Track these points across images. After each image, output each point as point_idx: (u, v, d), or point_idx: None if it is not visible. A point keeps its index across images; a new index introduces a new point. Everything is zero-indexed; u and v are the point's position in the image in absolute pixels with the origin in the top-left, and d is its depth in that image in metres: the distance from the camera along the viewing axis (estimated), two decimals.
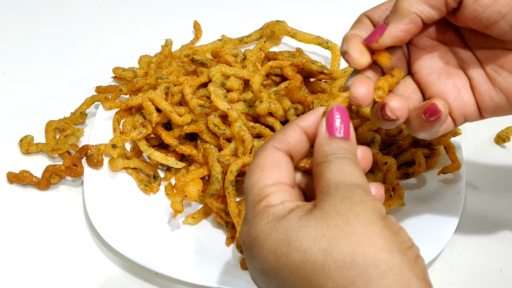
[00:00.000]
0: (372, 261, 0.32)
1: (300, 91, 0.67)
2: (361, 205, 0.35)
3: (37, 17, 0.92)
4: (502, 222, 0.64)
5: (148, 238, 0.61)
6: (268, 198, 0.37)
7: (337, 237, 0.33)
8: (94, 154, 0.65)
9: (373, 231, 0.33)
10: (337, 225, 0.34)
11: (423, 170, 0.64)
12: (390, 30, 0.43)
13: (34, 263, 0.61)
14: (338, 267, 0.32)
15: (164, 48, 0.78)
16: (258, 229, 0.36)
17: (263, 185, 0.38)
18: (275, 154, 0.39)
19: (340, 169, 0.37)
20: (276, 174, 0.38)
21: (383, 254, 0.33)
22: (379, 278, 0.32)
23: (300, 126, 0.40)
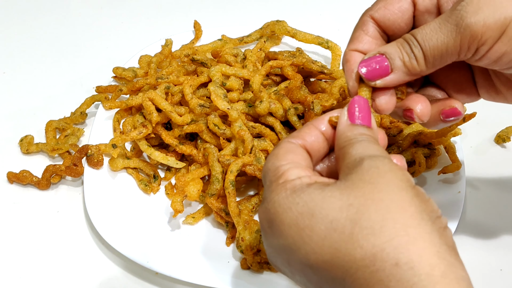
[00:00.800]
0: (402, 228, 0.32)
1: (300, 91, 0.67)
2: (390, 173, 0.34)
3: (37, 17, 0.92)
4: (502, 222, 0.64)
5: (148, 238, 0.61)
6: (284, 174, 0.37)
7: (365, 205, 0.33)
8: (94, 154, 0.65)
9: (403, 198, 0.33)
10: (364, 194, 0.33)
11: (423, 170, 0.64)
12: (391, 78, 0.42)
13: (34, 263, 0.61)
14: (367, 234, 0.32)
15: (164, 48, 0.78)
16: (276, 205, 0.35)
17: (277, 165, 0.38)
18: (289, 145, 0.39)
19: (365, 146, 0.37)
20: (290, 156, 0.38)
21: (414, 221, 0.32)
22: (408, 245, 0.31)
23: (314, 126, 0.40)
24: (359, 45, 0.45)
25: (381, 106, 0.42)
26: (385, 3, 0.44)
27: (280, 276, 0.57)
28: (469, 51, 0.40)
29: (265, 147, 0.64)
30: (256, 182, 0.66)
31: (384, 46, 0.43)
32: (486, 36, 0.38)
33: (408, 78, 0.42)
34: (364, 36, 0.45)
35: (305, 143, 0.40)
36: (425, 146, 0.66)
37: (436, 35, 0.40)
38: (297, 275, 0.36)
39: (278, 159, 0.38)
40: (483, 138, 0.72)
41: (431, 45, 0.40)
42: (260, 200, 0.62)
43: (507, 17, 0.38)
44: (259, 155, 0.63)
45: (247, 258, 0.57)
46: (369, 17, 0.45)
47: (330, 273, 0.33)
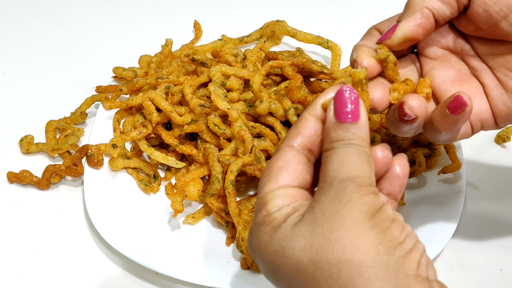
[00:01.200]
0: (357, 268, 0.32)
1: (300, 90, 0.67)
2: (349, 205, 0.34)
3: (37, 17, 0.92)
4: (502, 222, 0.64)
5: (148, 238, 0.61)
6: (267, 205, 0.37)
7: (323, 245, 0.33)
8: (94, 154, 0.65)
9: (358, 235, 0.33)
10: (323, 233, 0.34)
11: (423, 170, 0.64)
12: (403, 25, 0.43)
13: (34, 263, 0.61)
14: (326, 277, 0.33)
15: (164, 48, 0.78)
16: (258, 240, 0.37)
17: (266, 191, 0.38)
18: (287, 154, 0.39)
19: (340, 161, 0.36)
20: (282, 177, 0.38)
21: (368, 259, 0.32)
22: (364, 285, 0.32)
23: (311, 115, 0.39)
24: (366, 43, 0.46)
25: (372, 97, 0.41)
26: (388, 19, 0.46)
27: None
28: None
29: (265, 147, 0.64)
30: (256, 182, 0.66)
31: None
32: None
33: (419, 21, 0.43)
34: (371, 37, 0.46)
35: (304, 140, 0.39)
36: (425, 146, 0.66)
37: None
38: None
39: (269, 180, 0.38)
40: (483, 138, 0.72)
41: None
42: None
43: None
44: (259, 155, 0.63)
45: (247, 258, 0.57)
46: (374, 28, 0.46)
47: None
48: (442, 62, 0.46)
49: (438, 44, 0.46)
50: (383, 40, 0.43)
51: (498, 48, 0.44)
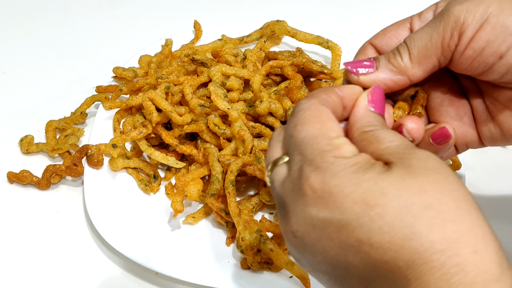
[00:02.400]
0: (477, 218, 0.32)
1: (301, 90, 0.67)
2: (444, 166, 0.34)
3: (37, 17, 0.92)
4: (502, 222, 0.64)
5: (148, 238, 0.61)
6: (339, 150, 0.34)
7: (441, 193, 0.32)
8: (94, 154, 0.65)
9: (465, 193, 0.33)
10: (436, 182, 0.32)
11: None
12: (377, 75, 0.42)
13: (34, 263, 0.61)
14: (446, 220, 0.31)
15: (164, 48, 0.78)
16: (340, 176, 0.33)
17: (329, 136, 0.35)
18: (325, 109, 0.37)
19: (393, 135, 0.36)
20: (336, 127, 0.36)
21: (480, 219, 0.33)
22: (485, 236, 0.32)
23: (338, 93, 0.39)
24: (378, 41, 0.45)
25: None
26: (384, 31, 0.45)
27: (281, 276, 0.57)
28: (451, 40, 0.40)
29: (265, 147, 0.64)
30: (256, 182, 0.66)
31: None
32: (468, 21, 0.39)
33: (395, 78, 0.42)
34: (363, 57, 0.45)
35: (330, 108, 0.38)
36: None
37: (422, 30, 0.41)
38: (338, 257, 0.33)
39: (324, 126, 0.35)
40: None
41: (415, 38, 0.41)
42: (260, 200, 0.62)
43: (489, 5, 0.39)
44: (259, 155, 0.63)
45: (247, 258, 0.57)
46: (369, 44, 0.45)
47: (394, 255, 0.31)
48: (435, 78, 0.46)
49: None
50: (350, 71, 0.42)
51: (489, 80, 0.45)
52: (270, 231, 0.59)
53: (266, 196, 0.62)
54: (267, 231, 0.59)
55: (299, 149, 0.35)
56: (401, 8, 0.95)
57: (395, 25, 0.45)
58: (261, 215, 0.61)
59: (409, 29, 0.44)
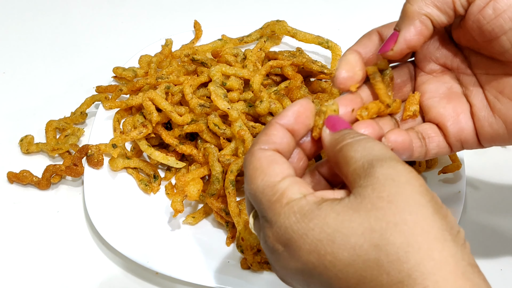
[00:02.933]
0: (427, 252, 0.31)
1: (301, 90, 0.67)
2: (408, 186, 0.33)
3: (37, 17, 0.92)
4: (502, 222, 0.64)
5: (148, 238, 0.61)
6: (285, 194, 0.35)
7: (388, 229, 0.32)
8: (94, 154, 0.65)
9: (425, 219, 0.32)
10: (385, 216, 0.32)
11: (423, 170, 0.64)
12: (404, 35, 0.42)
13: (34, 263, 0.61)
14: (392, 261, 0.31)
15: (164, 47, 0.78)
16: (289, 230, 0.34)
17: (272, 184, 0.35)
18: (266, 153, 0.37)
19: (364, 145, 0.35)
20: (279, 169, 0.36)
21: (438, 244, 0.32)
22: (435, 270, 0.31)
23: (280, 124, 0.39)
24: (361, 48, 0.45)
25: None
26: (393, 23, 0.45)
27: None
28: None
29: None
30: None
31: None
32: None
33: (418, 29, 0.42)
34: (368, 42, 0.45)
35: (276, 146, 0.38)
36: None
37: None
38: None
39: (267, 174, 0.36)
40: None
41: None
42: None
43: None
44: None
45: (247, 258, 0.57)
46: (376, 31, 0.46)
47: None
48: (435, 77, 0.46)
49: (436, 60, 0.46)
50: (384, 51, 0.43)
51: (493, 68, 0.44)
52: None
53: None
54: None
55: (255, 204, 0.37)
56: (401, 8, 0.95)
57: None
58: None
59: None
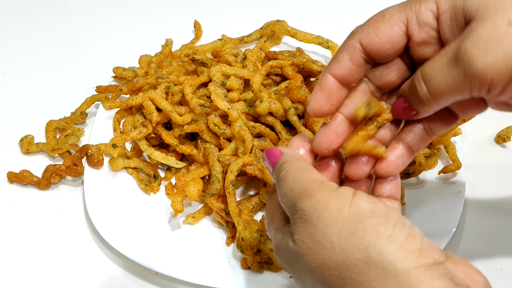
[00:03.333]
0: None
1: (301, 90, 0.67)
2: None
3: (37, 17, 0.92)
4: (502, 222, 0.64)
5: (148, 237, 0.61)
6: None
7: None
8: (94, 154, 0.65)
9: None
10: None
11: (423, 170, 0.64)
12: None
13: (34, 263, 0.61)
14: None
15: (165, 47, 0.78)
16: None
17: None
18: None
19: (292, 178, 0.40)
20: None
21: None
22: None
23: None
24: (338, 70, 0.42)
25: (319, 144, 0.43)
26: (375, 31, 0.41)
27: (281, 276, 0.57)
28: (481, 92, 0.37)
29: (265, 146, 0.64)
30: (256, 182, 0.66)
31: None
32: (497, 80, 0.36)
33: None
34: (347, 61, 0.42)
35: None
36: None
37: (445, 79, 0.38)
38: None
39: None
40: (483, 138, 0.72)
41: (439, 90, 0.38)
42: (260, 200, 0.62)
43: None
44: (259, 155, 0.63)
45: (247, 257, 0.57)
46: (358, 42, 0.42)
47: None
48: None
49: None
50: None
51: None
52: None
53: (266, 196, 0.62)
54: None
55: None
56: None
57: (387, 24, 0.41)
58: (262, 215, 0.61)
59: (405, 33, 0.40)
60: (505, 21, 0.35)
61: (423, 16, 0.40)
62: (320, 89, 0.42)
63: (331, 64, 0.42)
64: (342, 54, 0.42)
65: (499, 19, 0.36)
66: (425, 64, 0.39)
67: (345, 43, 0.42)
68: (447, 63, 0.37)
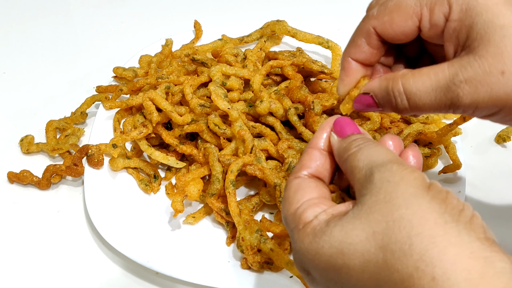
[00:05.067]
0: (429, 240, 0.32)
1: (301, 90, 0.67)
2: (402, 182, 0.34)
3: (38, 17, 0.92)
4: (502, 221, 0.64)
5: (148, 237, 0.61)
6: (301, 218, 0.37)
7: (388, 228, 0.33)
8: (94, 154, 0.65)
9: (421, 208, 0.33)
10: (384, 217, 0.33)
11: (423, 170, 0.64)
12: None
13: (34, 263, 0.61)
14: (399, 257, 0.32)
15: (165, 47, 0.78)
16: (305, 253, 0.36)
17: (293, 211, 0.38)
18: (294, 182, 0.40)
19: (366, 153, 0.37)
20: (299, 196, 0.39)
21: (438, 229, 0.32)
22: (440, 255, 0.31)
23: (311, 148, 0.41)
24: (359, 55, 0.44)
25: None
26: (390, 22, 0.42)
27: (281, 276, 0.57)
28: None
29: (265, 146, 0.64)
30: (256, 182, 0.66)
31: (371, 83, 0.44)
32: (479, 112, 0.40)
33: None
34: (365, 46, 0.44)
35: (311, 170, 0.40)
36: (425, 145, 0.66)
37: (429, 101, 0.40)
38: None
39: (290, 203, 0.39)
40: (483, 138, 0.72)
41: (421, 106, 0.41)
42: (260, 200, 0.62)
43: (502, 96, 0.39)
44: (260, 155, 0.63)
45: (247, 257, 0.57)
46: (372, 28, 0.43)
47: None
48: None
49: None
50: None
51: None
52: (270, 231, 0.59)
53: (266, 196, 0.62)
54: (267, 231, 0.59)
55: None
56: None
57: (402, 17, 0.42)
58: (261, 215, 0.61)
59: (417, 27, 0.42)
60: (500, 69, 0.38)
61: (436, 17, 0.41)
62: (345, 74, 0.45)
63: (350, 49, 0.45)
64: (359, 39, 0.44)
65: (494, 65, 0.38)
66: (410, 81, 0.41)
67: (361, 28, 0.44)
68: (436, 89, 0.40)
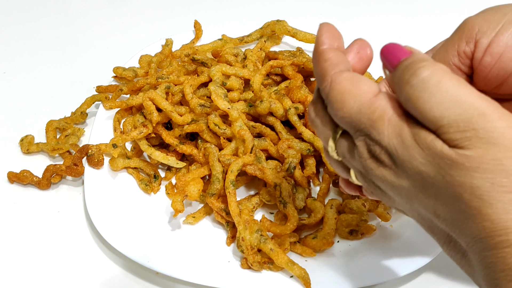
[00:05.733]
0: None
1: (301, 90, 0.67)
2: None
3: (38, 17, 0.92)
4: None
5: (148, 237, 0.61)
6: (386, 111, 0.35)
7: None
8: (94, 154, 0.65)
9: None
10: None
11: None
12: None
13: (34, 263, 0.61)
14: None
15: (165, 47, 0.78)
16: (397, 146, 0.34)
17: (368, 102, 0.35)
18: (344, 75, 0.37)
19: (443, 99, 0.33)
20: (366, 86, 0.36)
21: None
22: None
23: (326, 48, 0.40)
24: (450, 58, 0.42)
25: None
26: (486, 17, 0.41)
27: (281, 276, 0.57)
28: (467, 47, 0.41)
29: (266, 146, 0.64)
30: (256, 182, 0.66)
31: None
32: (484, 29, 0.40)
33: None
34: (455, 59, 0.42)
35: (348, 66, 0.38)
36: None
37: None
38: None
39: (357, 95, 0.36)
40: None
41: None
42: (260, 200, 0.62)
43: (506, 13, 0.39)
44: (260, 155, 0.63)
45: (247, 257, 0.57)
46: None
47: None
48: None
49: None
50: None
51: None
52: (271, 231, 0.59)
53: (266, 196, 0.62)
54: (268, 231, 0.59)
55: (353, 126, 0.37)
56: (401, 7, 0.95)
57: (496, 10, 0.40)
58: (262, 215, 0.61)
59: None
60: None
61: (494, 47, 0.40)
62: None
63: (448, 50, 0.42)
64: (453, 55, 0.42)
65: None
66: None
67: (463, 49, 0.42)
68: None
